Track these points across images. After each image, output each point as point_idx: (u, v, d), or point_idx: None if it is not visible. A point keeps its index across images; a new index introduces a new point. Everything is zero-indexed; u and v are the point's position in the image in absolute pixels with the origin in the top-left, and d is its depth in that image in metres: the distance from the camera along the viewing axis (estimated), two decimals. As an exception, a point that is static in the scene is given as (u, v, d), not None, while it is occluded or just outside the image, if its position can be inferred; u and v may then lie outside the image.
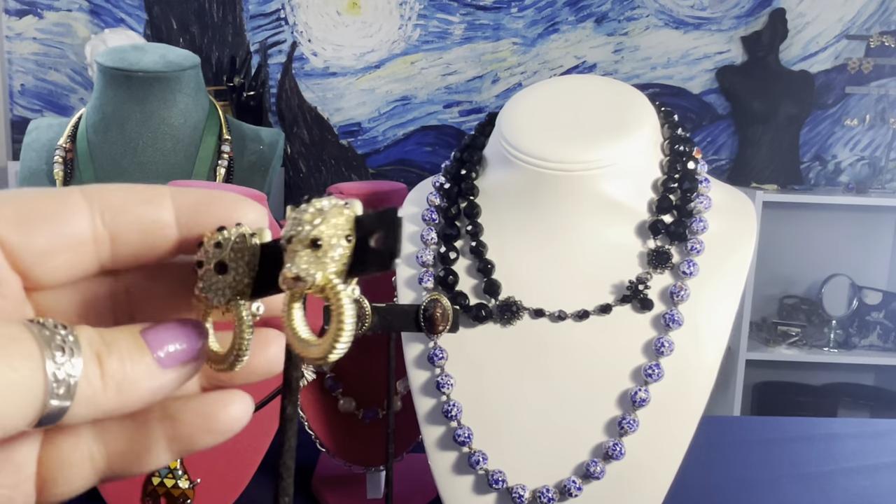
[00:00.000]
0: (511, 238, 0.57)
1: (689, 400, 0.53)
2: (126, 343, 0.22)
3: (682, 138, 0.58)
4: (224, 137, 0.80)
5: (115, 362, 0.22)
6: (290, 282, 0.22)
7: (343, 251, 0.22)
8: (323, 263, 0.22)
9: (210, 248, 0.24)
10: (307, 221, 0.22)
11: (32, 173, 0.79)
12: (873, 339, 2.39)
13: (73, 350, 0.21)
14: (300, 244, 0.22)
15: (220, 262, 0.24)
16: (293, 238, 0.22)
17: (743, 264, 0.56)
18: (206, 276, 0.24)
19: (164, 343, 0.23)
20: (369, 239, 0.22)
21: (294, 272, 0.22)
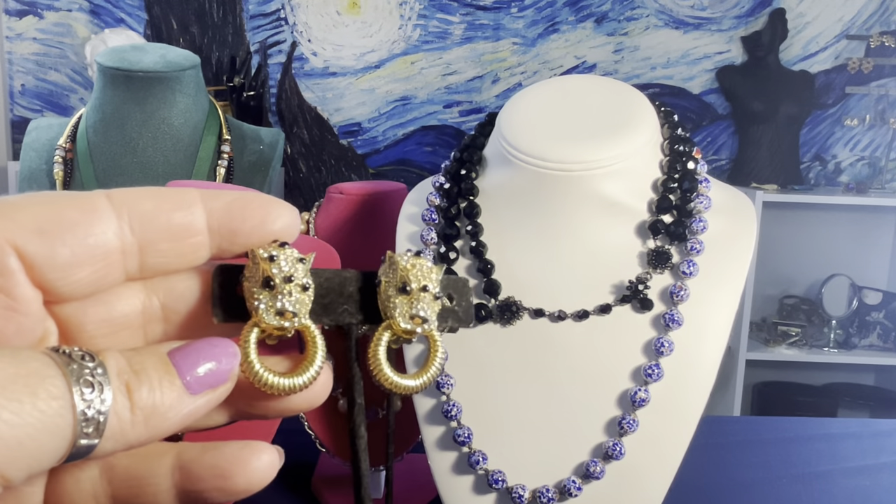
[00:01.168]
0: (511, 238, 0.57)
1: (689, 400, 0.53)
2: (156, 370, 0.21)
3: (682, 138, 0.58)
4: (224, 137, 0.80)
5: (145, 392, 0.20)
6: (413, 322, 0.26)
7: (440, 305, 0.27)
8: (434, 314, 0.27)
9: (288, 262, 0.24)
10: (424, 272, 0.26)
11: (32, 173, 0.79)
12: (873, 339, 2.39)
13: (101, 385, 0.19)
14: (428, 294, 0.26)
15: (307, 281, 0.25)
16: (426, 287, 0.26)
17: (743, 264, 0.56)
18: (291, 291, 0.24)
19: (194, 366, 0.21)
20: (443, 296, 0.27)
21: (422, 315, 0.26)
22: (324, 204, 0.78)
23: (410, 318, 0.26)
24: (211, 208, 0.23)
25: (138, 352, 0.21)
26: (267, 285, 0.24)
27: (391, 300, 0.26)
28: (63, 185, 0.76)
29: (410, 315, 0.26)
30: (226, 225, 0.23)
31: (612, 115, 0.57)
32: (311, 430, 0.71)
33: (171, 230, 0.23)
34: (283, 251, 0.24)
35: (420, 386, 0.27)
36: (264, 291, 0.24)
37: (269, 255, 0.24)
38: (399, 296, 0.26)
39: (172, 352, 0.22)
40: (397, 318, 0.26)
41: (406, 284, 0.26)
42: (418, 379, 0.27)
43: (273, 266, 0.24)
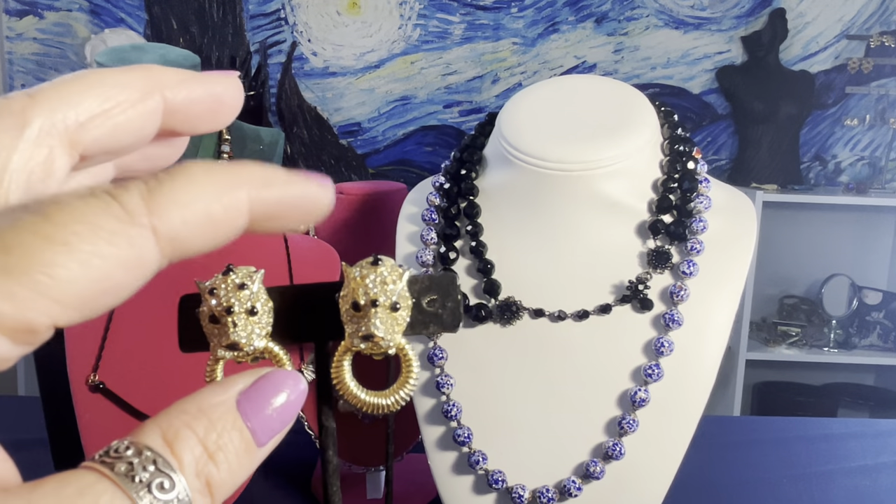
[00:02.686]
0: (511, 238, 0.57)
1: (689, 400, 0.53)
2: (233, 445, 0.19)
3: (682, 138, 0.58)
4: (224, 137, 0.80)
5: (226, 475, 0.19)
6: (368, 342, 0.24)
7: (408, 313, 0.24)
8: (399, 326, 0.24)
9: (228, 291, 0.24)
10: (376, 284, 0.24)
11: (32, 173, 0.79)
12: (873, 339, 2.39)
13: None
14: (381, 307, 0.24)
15: (253, 305, 0.24)
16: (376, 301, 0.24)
17: (743, 264, 0.56)
18: (235, 322, 0.24)
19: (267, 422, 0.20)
20: (423, 301, 0.25)
21: (377, 334, 0.24)
22: (324, 204, 0.78)
23: (364, 339, 0.24)
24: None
25: (210, 419, 0.19)
26: (213, 320, 0.24)
27: (346, 318, 0.24)
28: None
29: (362, 335, 0.24)
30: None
31: (612, 115, 0.57)
32: (310, 430, 0.71)
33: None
34: (224, 280, 0.24)
35: (392, 405, 0.25)
36: (212, 326, 0.24)
37: (210, 288, 0.24)
38: (352, 313, 0.24)
39: (242, 404, 0.20)
40: (350, 339, 0.24)
41: (356, 300, 0.24)
42: (389, 397, 0.25)
43: (213, 299, 0.24)
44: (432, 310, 0.25)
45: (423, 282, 0.25)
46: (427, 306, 0.25)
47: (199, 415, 0.19)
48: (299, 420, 0.71)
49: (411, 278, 0.25)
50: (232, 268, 0.24)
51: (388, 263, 0.24)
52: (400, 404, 0.25)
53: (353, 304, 0.24)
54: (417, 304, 0.25)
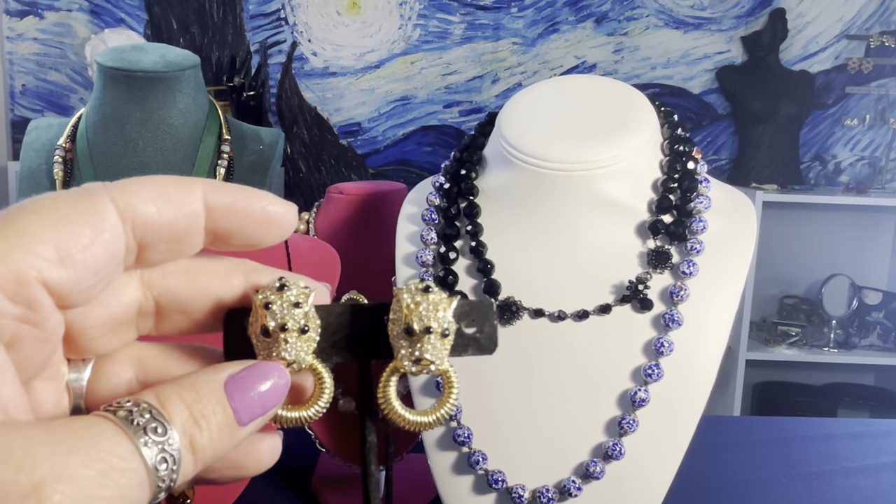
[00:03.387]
0: (511, 238, 0.57)
1: (689, 400, 0.53)
2: (215, 415, 0.22)
3: (682, 138, 0.58)
4: (224, 137, 0.80)
5: (206, 441, 0.21)
6: (419, 366, 0.26)
7: (453, 338, 0.26)
8: (445, 351, 0.26)
9: (283, 308, 0.25)
10: (429, 311, 0.25)
11: (32, 173, 0.79)
12: (873, 339, 2.39)
13: (173, 458, 0.20)
14: (434, 334, 0.25)
15: (306, 324, 0.25)
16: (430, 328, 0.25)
17: (743, 264, 0.56)
18: (287, 339, 0.25)
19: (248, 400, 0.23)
20: (462, 324, 0.27)
21: (428, 359, 0.25)
22: (324, 204, 0.78)
23: (415, 362, 0.25)
24: (212, 208, 0.24)
25: (198, 392, 0.22)
26: (265, 333, 0.25)
27: (396, 341, 0.26)
28: (63, 185, 0.76)
29: (414, 359, 0.25)
30: (223, 227, 0.24)
31: (611, 115, 0.57)
32: (310, 430, 0.71)
33: (172, 234, 0.23)
34: (280, 295, 0.25)
35: (433, 422, 0.27)
36: (263, 339, 0.25)
37: (265, 302, 0.25)
38: (404, 337, 0.25)
39: (229, 385, 0.22)
40: (401, 361, 0.26)
41: (409, 326, 0.25)
42: (431, 415, 0.27)
43: (268, 315, 0.25)
44: (471, 333, 0.27)
45: (463, 307, 0.27)
46: (466, 330, 0.27)
47: (190, 388, 0.22)
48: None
49: (460, 305, 0.26)
50: (286, 283, 0.25)
51: (437, 291, 0.26)
52: (441, 422, 0.27)
53: (406, 329, 0.25)
54: (458, 328, 0.26)
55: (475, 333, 0.27)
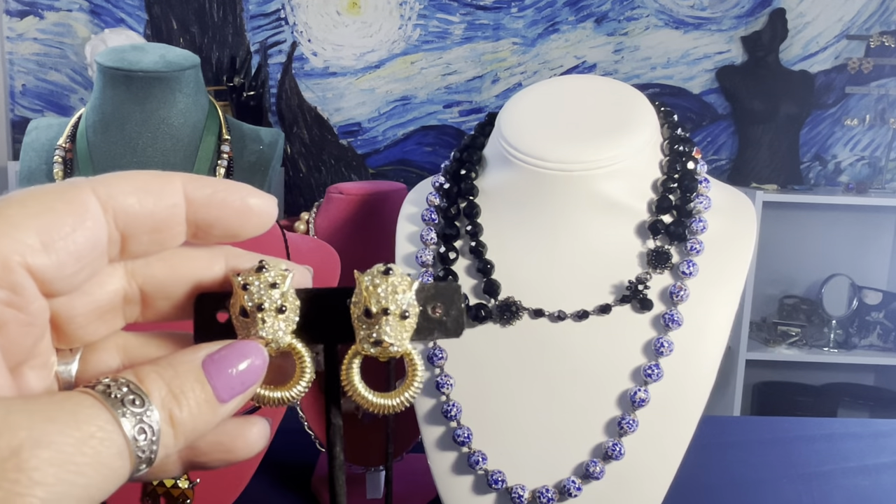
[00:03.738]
0: (510, 238, 0.57)
1: (689, 400, 0.53)
2: (193, 391, 0.22)
3: (682, 138, 0.58)
4: (224, 137, 0.80)
5: (187, 416, 0.22)
6: (378, 347, 0.25)
7: (415, 320, 0.26)
8: (406, 333, 0.26)
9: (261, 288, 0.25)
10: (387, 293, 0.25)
11: (32, 173, 0.79)
12: (873, 339, 2.39)
13: (152, 429, 0.21)
14: (391, 315, 0.25)
15: (282, 304, 0.25)
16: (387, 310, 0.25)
17: (743, 264, 0.56)
18: (265, 318, 0.25)
19: (227, 376, 0.23)
20: (428, 308, 0.26)
21: (387, 341, 0.25)
22: (324, 204, 0.78)
23: (374, 344, 0.25)
24: (191, 199, 0.25)
25: (176, 370, 0.23)
26: (244, 314, 0.25)
27: (357, 323, 0.26)
28: (63, 185, 0.76)
29: (373, 341, 0.25)
30: (203, 218, 0.25)
31: (611, 115, 0.57)
32: (310, 430, 0.71)
33: (153, 225, 0.24)
34: (258, 276, 0.25)
35: (397, 405, 0.26)
36: (242, 320, 0.25)
37: (243, 283, 0.25)
38: (363, 319, 0.25)
39: (207, 364, 0.23)
40: (361, 344, 0.26)
41: (367, 308, 0.25)
42: (395, 398, 0.26)
43: (245, 295, 0.25)
44: (437, 317, 0.26)
45: (428, 290, 0.26)
46: (432, 314, 0.26)
47: (168, 366, 0.22)
48: (299, 420, 0.71)
49: (418, 287, 0.26)
50: (265, 264, 0.25)
51: (398, 273, 0.26)
52: (405, 405, 0.26)
53: (364, 312, 0.25)
54: (423, 311, 0.26)
55: (441, 317, 0.26)
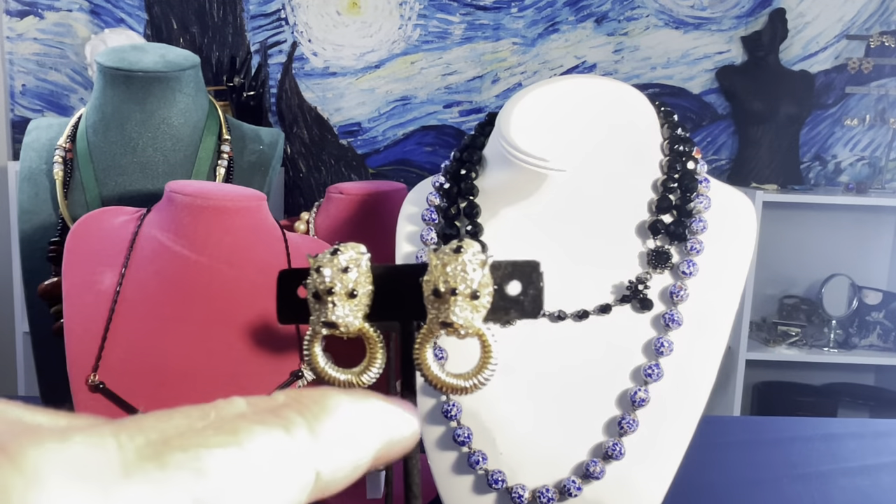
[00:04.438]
0: (510, 238, 0.57)
1: (689, 400, 0.53)
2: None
3: (682, 138, 0.58)
4: (224, 137, 0.80)
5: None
6: (449, 329, 0.25)
7: (489, 300, 0.25)
8: (478, 313, 0.25)
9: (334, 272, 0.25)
10: (457, 272, 0.24)
11: (32, 173, 0.79)
12: (873, 339, 2.38)
13: None
14: (460, 295, 0.24)
15: (353, 289, 0.25)
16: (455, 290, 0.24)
17: (743, 264, 0.56)
18: (335, 302, 0.25)
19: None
20: (505, 287, 0.25)
21: (456, 322, 0.24)
22: (324, 204, 0.78)
23: (442, 325, 0.25)
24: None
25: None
26: (316, 296, 0.25)
27: (427, 302, 0.25)
28: (63, 184, 0.76)
29: (441, 321, 0.25)
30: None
31: (611, 115, 0.57)
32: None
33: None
34: (332, 260, 0.25)
35: (470, 388, 0.26)
36: (315, 302, 0.25)
37: (317, 266, 0.25)
38: (433, 299, 0.25)
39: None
40: (431, 324, 0.25)
41: (436, 287, 0.24)
42: (469, 380, 0.26)
43: (318, 278, 0.25)
44: (514, 296, 0.25)
45: (505, 268, 0.25)
46: (508, 292, 0.25)
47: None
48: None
49: (494, 264, 0.25)
50: (340, 248, 0.25)
51: (470, 250, 0.25)
52: (478, 387, 0.26)
53: (433, 291, 0.24)
54: (499, 290, 0.25)
55: (518, 295, 0.25)
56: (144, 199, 0.75)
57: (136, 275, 0.62)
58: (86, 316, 0.61)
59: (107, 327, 0.61)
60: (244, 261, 0.63)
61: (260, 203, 0.65)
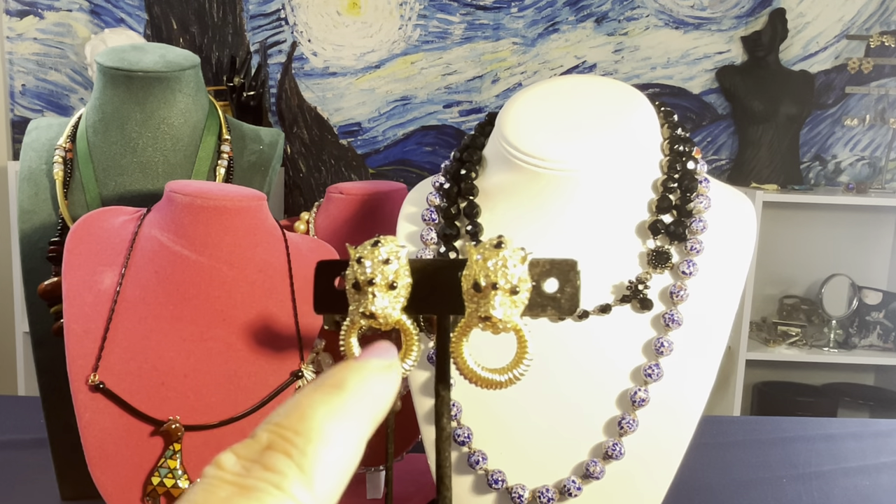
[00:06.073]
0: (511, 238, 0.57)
1: (689, 400, 0.53)
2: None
3: (682, 138, 0.58)
4: (224, 137, 0.80)
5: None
6: (487, 323, 0.25)
7: (528, 296, 0.25)
8: (516, 308, 0.25)
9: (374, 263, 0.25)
10: (497, 267, 0.24)
11: (32, 173, 0.79)
12: (873, 339, 2.38)
13: None
14: (501, 290, 0.24)
15: (394, 280, 0.25)
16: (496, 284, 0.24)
17: (743, 264, 0.56)
18: (375, 293, 0.25)
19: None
20: (542, 284, 0.25)
21: (496, 316, 0.24)
22: (324, 204, 0.78)
23: (482, 319, 0.25)
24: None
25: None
26: (356, 287, 0.25)
27: (467, 297, 0.25)
28: (63, 184, 0.76)
29: (481, 315, 0.25)
30: None
31: (611, 115, 0.57)
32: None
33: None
34: (373, 251, 0.25)
35: (505, 382, 0.26)
36: (354, 292, 0.25)
37: (358, 256, 0.25)
38: (472, 293, 0.25)
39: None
40: (471, 318, 0.25)
41: (476, 282, 0.24)
42: (504, 374, 0.26)
43: (359, 269, 0.25)
44: (551, 293, 0.25)
45: (543, 265, 0.25)
46: (545, 289, 0.25)
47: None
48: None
49: (532, 261, 0.25)
50: (380, 240, 0.25)
51: (510, 246, 0.25)
52: (513, 382, 0.26)
53: (473, 285, 0.25)
54: (537, 286, 0.25)
55: (556, 293, 0.25)
56: (144, 199, 0.75)
57: (136, 275, 0.62)
58: (86, 316, 0.61)
59: (107, 327, 0.60)
60: (244, 261, 0.63)
61: (260, 203, 0.65)
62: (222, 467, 0.21)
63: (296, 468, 0.20)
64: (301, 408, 0.22)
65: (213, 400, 0.60)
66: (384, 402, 0.23)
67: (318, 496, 0.20)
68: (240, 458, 0.21)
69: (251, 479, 0.20)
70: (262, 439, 0.21)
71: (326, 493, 0.21)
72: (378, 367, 0.22)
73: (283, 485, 0.20)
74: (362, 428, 0.22)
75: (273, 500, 0.20)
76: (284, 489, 0.20)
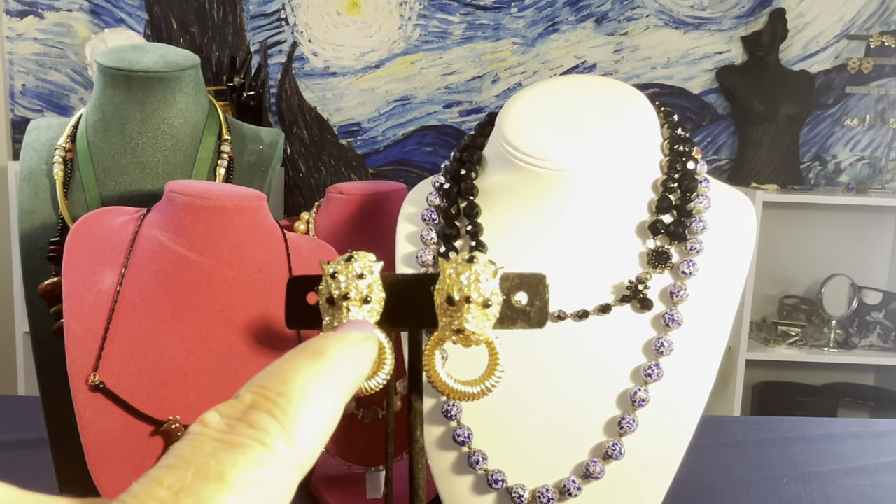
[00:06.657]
0: (510, 238, 0.57)
1: (689, 400, 0.53)
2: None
3: (682, 138, 0.58)
4: (224, 137, 0.80)
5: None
6: (459, 335, 0.25)
7: (499, 309, 0.26)
8: (488, 321, 0.26)
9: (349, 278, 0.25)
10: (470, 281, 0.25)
11: (32, 173, 0.79)
12: (873, 339, 2.38)
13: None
14: (474, 304, 0.25)
15: (368, 295, 0.26)
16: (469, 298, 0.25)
17: (743, 264, 0.56)
18: (350, 307, 0.26)
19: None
20: (512, 297, 0.26)
21: (469, 329, 0.25)
22: (324, 204, 0.78)
23: (455, 332, 0.25)
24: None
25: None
26: (330, 301, 0.25)
27: (440, 310, 0.26)
28: (63, 184, 0.76)
29: (455, 328, 0.25)
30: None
31: (611, 115, 0.57)
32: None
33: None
34: (347, 266, 0.25)
35: (478, 394, 0.27)
36: (328, 307, 0.25)
37: (332, 271, 0.25)
38: (446, 307, 0.25)
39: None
40: (443, 331, 0.26)
41: (450, 295, 0.25)
42: (476, 386, 0.27)
43: (333, 283, 0.25)
44: (520, 306, 0.26)
45: (513, 279, 0.26)
46: (515, 302, 0.26)
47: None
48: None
49: (503, 275, 0.26)
50: (354, 255, 0.26)
51: (482, 261, 0.25)
52: (485, 394, 0.27)
53: (447, 299, 0.25)
54: (507, 300, 0.26)
55: (525, 307, 0.26)
56: (144, 199, 0.75)
57: (137, 275, 0.62)
58: (86, 316, 0.61)
59: (107, 327, 0.60)
60: (244, 261, 0.63)
61: (260, 203, 0.65)
62: (207, 425, 0.21)
63: (278, 426, 0.21)
64: (284, 371, 0.23)
65: (214, 400, 0.60)
66: (361, 370, 0.24)
67: (299, 453, 0.21)
68: (224, 416, 0.22)
69: (235, 435, 0.21)
70: (245, 399, 0.22)
71: (307, 450, 0.22)
72: (357, 339, 0.24)
73: (266, 441, 0.21)
74: (340, 392, 0.24)
75: (256, 455, 0.20)
76: (267, 444, 0.21)
